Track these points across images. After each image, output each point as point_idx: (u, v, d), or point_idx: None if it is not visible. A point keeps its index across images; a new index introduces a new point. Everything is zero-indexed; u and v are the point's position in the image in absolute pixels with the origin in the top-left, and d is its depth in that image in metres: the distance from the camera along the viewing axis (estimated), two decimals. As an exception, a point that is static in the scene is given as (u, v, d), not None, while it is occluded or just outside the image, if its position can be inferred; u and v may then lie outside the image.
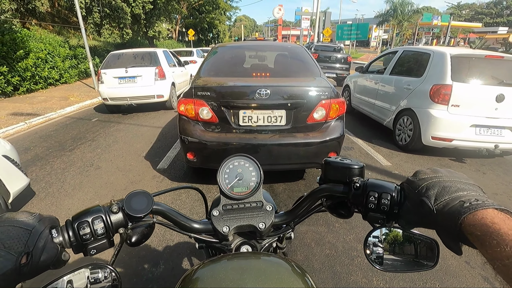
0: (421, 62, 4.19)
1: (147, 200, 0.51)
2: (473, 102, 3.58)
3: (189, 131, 2.65)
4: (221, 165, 0.62)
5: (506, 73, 3.64)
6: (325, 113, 2.66)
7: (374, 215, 0.49)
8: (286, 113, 2.63)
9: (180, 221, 0.58)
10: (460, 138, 3.60)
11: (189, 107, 2.62)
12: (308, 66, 3.15)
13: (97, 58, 12.67)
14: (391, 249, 0.50)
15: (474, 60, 3.71)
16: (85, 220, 0.46)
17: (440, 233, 0.42)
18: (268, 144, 2.60)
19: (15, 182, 2.40)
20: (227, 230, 0.57)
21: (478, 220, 0.35)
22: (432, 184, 0.44)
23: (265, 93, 2.53)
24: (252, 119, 2.63)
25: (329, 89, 2.69)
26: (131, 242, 0.52)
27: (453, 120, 3.60)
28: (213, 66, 3.16)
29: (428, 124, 3.75)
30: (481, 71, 3.63)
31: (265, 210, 0.59)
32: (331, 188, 0.57)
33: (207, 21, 32.34)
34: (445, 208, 0.40)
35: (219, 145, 2.62)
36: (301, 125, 2.68)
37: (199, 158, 2.70)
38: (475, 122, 3.55)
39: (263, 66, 3.50)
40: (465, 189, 0.42)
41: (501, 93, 3.47)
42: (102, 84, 6.08)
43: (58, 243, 0.45)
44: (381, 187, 0.49)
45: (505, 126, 3.56)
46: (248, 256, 0.57)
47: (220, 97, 2.61)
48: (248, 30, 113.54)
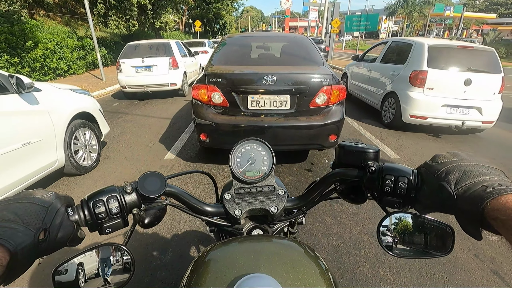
0: (404, 51, 4.64)
1: (160, 181, 0.52)
2: (445, 85, 4.07)
3: (202, 114, 2.90)
4: (233, 148, 0.62)
5: (474, 61, 4.13)
6: (327, 98, 2.87)
7: (390, 199, 0.49)
8: (290, 98, 2.85)
9: (192, 204, 0.59)
10: (433, 116, 4.13)
11: (202, 92, 2.87)
12: (312, 55, 3.34)
13: (104, 49, 12.57)
14: (405, 234, 0.49)
15: (447, 50, 4.19)
16: (100, 199, 0.48)
17: (460, 218, 0.40)
18: (274, 126, 2.82)
19: (104, 128, 3.50)
20: (239, 213, 0.57)
21: (502, 204, 0.34)
22: (452, 168, 0.42)
23: (272, 80, 2.77)
24: (260, 104, 2.86)
25: (330, 76, 2.87)
26: (143, 223, 0.53)
27: (427, 101, 4.11)
28: (223, 55, 3.39)
29: (407, 105, 4.25)
30: (453, 59, 4.11)
31: (277, 194, 0.60)
32: (345, 172, 0.56)
33: (213, 12, 31.41)
34: (466, 193, 0.39)
35: (230, 127, 2.85)
36: (304, 109, 2.88)
37: (211, 139, 2.94)
38: (446, 102, 4.06)
39: (270, 55, 3.72)
40: (487, 173, 0.40)
41: (469, 78, 3.98)
42: (120, 72, 6.49)
43: (74, 221, 0.46)
44: (398, 171, 0.49)
45: (472, 106, 4.06)
46: (260, 238, 0.57)
47: (231, 83, 2.83)
48: (255, 21, 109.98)
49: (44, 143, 2.53)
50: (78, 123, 3.01)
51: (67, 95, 3.03)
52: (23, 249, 0.37)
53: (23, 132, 2.33)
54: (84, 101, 3.20)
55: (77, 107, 3.02)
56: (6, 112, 2.24)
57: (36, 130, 2.47)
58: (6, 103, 2.27)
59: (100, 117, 3.43)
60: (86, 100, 3.25)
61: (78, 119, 3.02)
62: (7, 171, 2.18)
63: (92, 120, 3.28)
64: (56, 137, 2.69)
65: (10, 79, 2.34)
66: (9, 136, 2.21)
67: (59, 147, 2.72)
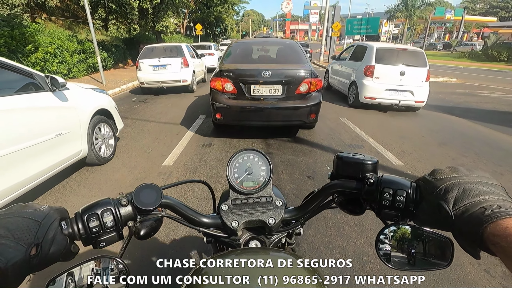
0: (362, 52, 6.44)
1: (156, 194, 0.53)
2: (387, 75, 5.88)
3: (218, 99, 3.92)
4: (230, 159, 0.64)
5: (408, 58, 5.98)
6: (308, 87, 3.88)
7: (389, 212, 0.50)
8: (281, 87, 3.87)
9: (189, 215, 0.60)
10: (379, 97, 5.97)
11: (218, 83, 3.92)
12: (299, 56, 4.39)
13: (104, 52, 12.69)
14: (404, 247, 0.49)
15: (389, 51, 6.05)
16: (95, 212, 0.48)
17: (458, 238, 0.41)
18: (269, 107, 3.85)
19: (119, 124, 3.89)
20: (236, 225, 0.59)
21: (502, 230, 0.34)
22: (451, 186, 0.42)
23: (268, 74, 3.80)
24: (259, 91, 3.90)
25: (310, 72, 3.89)
26: (139, 235, 0.54)
27: (375, 87, 5.93)
28: (232, 56, 4.48)
29: (362, 90, 6.07)
30: (392, 57, 5.94)
31: (275, 205, 0.61)
32: (344, 184, 0.57)
33: (214, 15, 31.79)
34: (464, 214, 0.39)
35: (238, 108, 3.88)
36: (291, 95, 3.89)
37: (224, 117, 3.98)
38: (388, 87, 5.89)
39: (268, 56, 4.84)
40: (487, 192, 0.40)
41: (403, 70, 5.80)
42: (140, 71, 7.72)
43: (68, 235, 0.46)
44: (396, 184, 0.50)
45: (406, 90, 5.91)
46: (257, 251, 0.58)
47: (238, 76, 3.85)
48: (256, 24, 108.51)
49: (72, 135, 2.91)
50: (98, 118, 3.40)
51: (89, 93, 3.43)
52: (14, 265, 0.37)
53: (56, 125, 2.69)
54: (102, 99, 3.58)
55: (97, 104, 3.40)
56: (44, 107, 2.60)
57: (66, 123, 2.84)
58: (43, 100, 2.62)
59: (116, 114, 3.84)
60: (104, 98, 3.64)
61: (98, 115, 3.40)
62: (44, 157, 2.54)
63: (109, 116, 3.68)
64: (81, 130, 3.06)
65: (46, 79, 2.69)
66: (46, 127, 2.57)
67: (83, 139, 3.11)
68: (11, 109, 2.30)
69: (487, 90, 10.44)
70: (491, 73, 17.00)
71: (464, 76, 14.74)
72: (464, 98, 8.49)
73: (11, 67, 2.45)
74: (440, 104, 7.40)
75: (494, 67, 20.96)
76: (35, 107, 2.52)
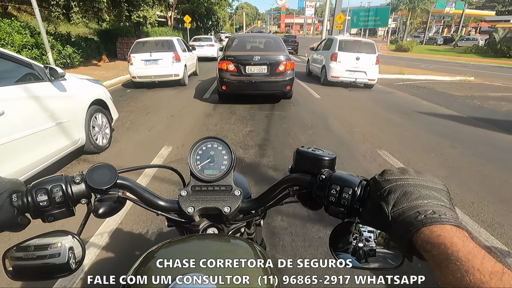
0: (331, 43, 8.79)
1: (110, 174, 0.56)
2: (347, 60, 8.23)
3: (223, 75, 5.87)
4: (193, 145, 0.67)
5: (362, 47, 8.38)
6: (284, 67, 5.86)
7: (335, 209, 0.53)
8: (267, 67, 5.84)
9: (146, 197, 0.63)
10: (342, 76, 8.35)
11: (223, 64, 5.86)
12: (279, 46, 6.43)
13: (69, 47, 11.26)
14: (357, 244, 0.52)
15: (349, 42, 8.47)
16: (43, 187, 0.52)
17: (394, 240, 0.44)
18: (258, 81, 5.85)
19: (114, 114, 4.10)
20: (192, 211, 0.62)
21: (435, 237, 0.35)
22: (394, 188, 0.44)
23: (257, 58, 5.84)
24: (251, 70, 5.88)
25: (286, 56, 5.95)
26: (97, 213, 0.58)
27: (338, 68, 8.28)
28: (233, 46, 6.59)
29: (329, 71, 8.44)
30: (351, 46, 8.32)
31: (233, 194, 0.65)
32: (298, 177, 0.61)
33: (205, 7, 30.58)
34: (400, 217, 0.41)
35: (237, 81, 5.87)
36: (273, 72, 5.86)
37: (228, 88, 5.95)
38: (348, 68, 8.25)
39: (257, 46, 6.92)
40: (427, 196, 0.41)
41: (358, 56, 8.17)
42: (131, 65, 8.02)
43: (16, 207, 0.50)
44: (344, 181, 0.52)
45: (361, 71, 8.26)
46: (212, 237, 0.64)
47: (237, 60, 5.78)
48: (250, 18, 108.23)
49: (71, 123, 3.01)
50: (95, 108, 3.48)
51: (86, 83, 3.52)
52: None
53: (56, 113, 2.79)
54: (98, 90, 3.71)
55: (94, 94, 3.51)
56: (44, 96, 2.69)
57: (65, 112, 2.93)
58: (43, 89, 2.73)
59: (111, 104, 3.96)
60: (99, 89, 3.76)
61: (94, 105, 3.49)
62: (46, 144, 2.66)
63: (105, 106, 3.81)
64: (79, 119, 3.15)
65: (45, 69, 2.79)
66: (46, 116, 2.67)
67: (81, 127, 3.19)
68: (11, 98, 2.38)
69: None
70: (506, 71, 15.94)
71: (480, 74, 13.45)
72: (508, 106, 7.17)
73: (10, 57, 2.56)
74: (485, 116, 6.14)
75: (505, 63, 20.02)
76: (35, 96, 2.63)
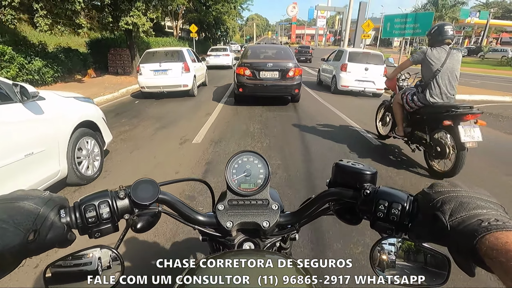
0: (341, 54, 9.47)
1: (153, 189, 0.59)
2: (356, 70, 8.85)
3: (240, 79, 6.97)
4: (229, 159, 0.69)
5: (370, 59, 9.00)
6: (293, 73, 6.95)
7: (383, 225, 0.53)
8: (278, 72, 6.89)
9: (185, 212, 0.66)
10: (351, 86, 8.93)
11: (240, 70, 6.97)
12: (289, 55, 7.59)
13: (38, 60, 9.47)
14: (398, 261, 0.53)
15: (358, 53, 9.08)
16: (92, 203, 0.55)
17: (452, 252, 0.42)
18: (270, 85, 6.94)
19: (107, 137, 3.75)
20: (231, 225, 0.64)
21: (500, 243, 0.35)
22: (448, 199, 0.44)
23: (270, 65, 6.96)
24: (265, 75, 6.94)
25: (295, 64, 7.04)
26: (136, 228, 0.60)
27: (348, 78, 8.89)
28: (248, 55, 7.69)
29: (339, 80, 9.06)
30: (360, 58, 8.96)
31: (271, 208, 0.67)
32: (340, 192, 0.62)
33: (213, 16, 29.28)
34: (460, 226, 0.40)
35: (252, 84, 6.94)
36: (284, 78, 6.94)
37: (244, 91, 7.04)
38: (357, 78, 8.83)
39: (270, 55, 7.92)
40: (485, 207, 0.42)
41: (367, 67, 8.74)
42: (140, 75, 8.23)
43: (65, 223, 0.52)
44: (392, 196, 0.53)
45: (370, 80, 8.80)
46: (250, 253, 0.64)
47: (253, 66, 6.90)
48: (260, 29, 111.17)
49: (47, 153, 2.66)
50: (81, 132, 3.15)
51: (71, 103, 3.21)
52: (11, 249, 0.41)
53: (26, 143, 2.44)
54: (87, 109, 3.38)
55: (80, 115, 3.17)
56: (9, 122, 2.33)
57: (40, 140, 2.60)
58: (9, 113, 2.36)
59: (103, 126, 3.62)
60: (89, 108, 3.43)
61: (81, 127, 3.15)
62: (8, 183, 2.25)
63: (95, 128, 3.45)
64: (60, 147, 2.82)
65: (14, 87, 2.45)
66: (11, 147, 2.30)
67: (62, 156, 2.86)
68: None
69: None
70: None
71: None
72: None
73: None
74: None
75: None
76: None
